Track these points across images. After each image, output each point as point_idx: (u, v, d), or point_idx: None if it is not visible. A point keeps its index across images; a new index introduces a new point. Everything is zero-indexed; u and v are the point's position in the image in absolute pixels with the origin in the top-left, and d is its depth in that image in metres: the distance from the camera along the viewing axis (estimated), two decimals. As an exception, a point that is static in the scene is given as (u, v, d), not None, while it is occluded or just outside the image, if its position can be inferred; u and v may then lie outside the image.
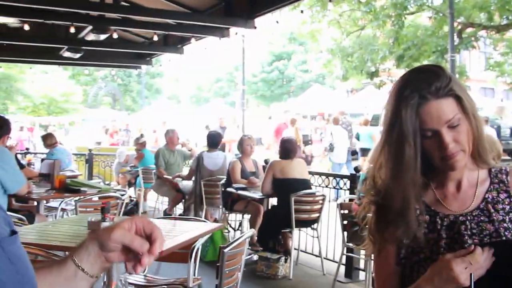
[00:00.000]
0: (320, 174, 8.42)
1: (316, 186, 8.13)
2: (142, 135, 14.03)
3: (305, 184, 7.43)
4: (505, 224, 1.91)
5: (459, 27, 20.78)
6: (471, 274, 1.67)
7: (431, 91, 1.83)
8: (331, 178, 8.06)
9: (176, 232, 4.60)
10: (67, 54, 12.98)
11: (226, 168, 8.84)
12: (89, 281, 1.45)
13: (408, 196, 1.91)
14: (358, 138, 17.49)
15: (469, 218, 1.93)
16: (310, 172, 8.12)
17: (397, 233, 1.94)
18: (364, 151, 16.23)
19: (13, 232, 1.33)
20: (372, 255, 2.13)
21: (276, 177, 7.44)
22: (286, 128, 17.69)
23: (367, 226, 2.09)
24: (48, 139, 10.66)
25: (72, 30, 11.19)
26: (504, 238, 1.88)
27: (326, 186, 8.03)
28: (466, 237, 1.89)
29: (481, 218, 1.93)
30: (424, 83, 1.86)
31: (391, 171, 1.93)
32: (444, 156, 1.87)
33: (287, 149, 7.63)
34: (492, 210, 1.94)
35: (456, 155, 1.87)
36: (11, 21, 10.80)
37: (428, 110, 1.83)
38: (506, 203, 1.96)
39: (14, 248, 1.26)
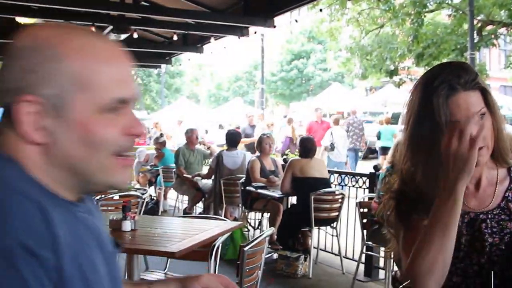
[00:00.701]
0: (340, 173, 8.42)
1: (335, 184, 8.14)
2: (161, 135, 14.08)
3: (325, 183, 7.44)
4: None
5: (479, 24, 20.60)
6: (491, 273, 1.65)
7: (460, 83, 1.84)
8: (350, 176, 8.05)
9: (196, 230, 4.64)
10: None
11: (245, 167, 8.87)
12: None
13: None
14: (379, 136, 17.43)
15: (489, 216, 1.93)
16: (329, 171, 8.13)
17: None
18: (385, 150, 16.20)
19: (116, 244, 1.39)
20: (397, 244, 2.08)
21: (296, 175, 7.45)
22: (319, 126, 17.05)
23: (387, 223, 2.09)
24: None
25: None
26: None
27: (346, 185, 8.03)
28: (487, 235, 1.89)
29: (502, 216, 1.93)
30: (453, 75, 1.87)
31: (426, 161, 1.92)
32: None
33: (307, 148, 7.64)
34: None
35: (481, 152, 1.83)
36: (33, 21, 10.89)
37: (457, 101, 1.84)
38: None
39: (116, 263, 1.33)
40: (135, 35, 12.48)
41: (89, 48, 1.16)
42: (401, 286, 2.33)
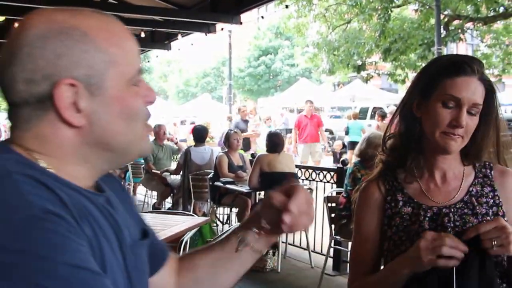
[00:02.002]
0: (307, 167, 8.45)
1: (303, 179, 8.16)
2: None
3: (292, 177, 7.44)
4: (488, 218, 1.94)
5: (446, 19, 20.81)
6: (453, 269, 1.68)
7: (478, 69, 1.89)
8: (317, 171, 8.08)
9: (164, 226, 4.61)
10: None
11: (214, 162, 8.85)
12: (253, 256, 1.51)
13: None
14: (347, 131, 17.49)
15: (452, 210, 1.95)
16: (297, 166, 8.16)
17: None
18: (353, 144, 16.21)
19: (144, 234, 1.40)
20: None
21: (264, 170, 7.46)
22: (308, 121, 15.99)
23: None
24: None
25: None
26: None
27: (313, 180, 8.05)
28: (449, 229, 1.91)
29: (465, 210, 1.96)
30: (465, 60, 1.92)
31: (412, 124, 2.01)
32: (448, 132, 1.89)
33: (275, 143, 7.65)
34: (476, 203, 1.97)
35: (458, 138, 1.89)
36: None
37: (468, 82, 1.88)
38: (490, 197, 1.99)
39: (138, 254, 1.32)
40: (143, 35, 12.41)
41: (108, 25, 1.19)
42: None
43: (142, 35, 13.31)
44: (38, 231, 0.94)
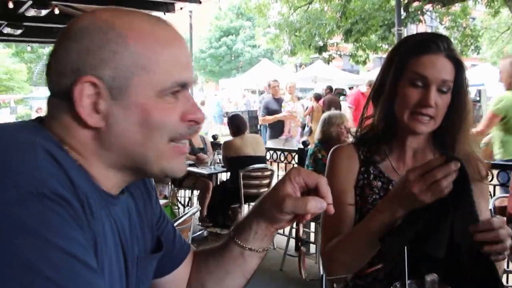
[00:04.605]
0: (269, 149, 8.39)
1: (271, 161, 8.12)
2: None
3: (258, 160, 7.39)
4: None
5: (406, 1, 20.94)
6: (405, 248, 1.63)
7: (444, 46, 1.88)
8: (279, 152, 8.04)
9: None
10: (6, 30, 12.57)
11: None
12: (259, 256, 1.46)
13: None
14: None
15: None
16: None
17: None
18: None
19: (159, 246, 1.39)
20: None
21: (230, 156, 7.42)
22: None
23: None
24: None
25: (11, 5, 10.82)
26: None
27: (275, 161, 8.01)
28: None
29: None
30: (430, 37, 1.92)
31: (386, 105, 2.00)
32: (417, 111, 1.89)
33: (237, 126, 7.59)
34: None
35: (427, 122, 1.90)
36: None
37: (431, 59, 1.87)
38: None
39: (144, 268, 1.31)
40: (57, 11, 12.04)
41: (151, 31, 1.14)
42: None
43: (98, 14, 13.05)
44: (41, 209, 0.92)
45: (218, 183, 8.19)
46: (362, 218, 1.94)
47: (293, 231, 6.63)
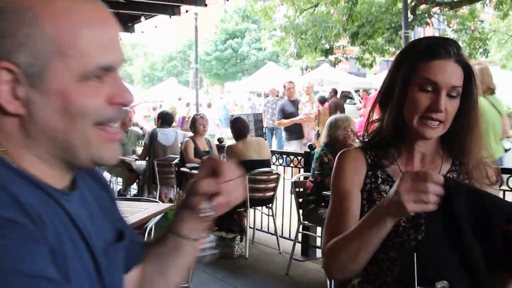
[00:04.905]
0: (274, 152, 8.36)
1: (277, 165, 8.08)
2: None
3: (263, 164, 7.34)
4: None
5: (413, 3, 20.83)
6: (414, 254, 1.60)
7: (448, 50, 1.87)
8: (285, 156, 8.00)
9: (127, 213, 4.51)
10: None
11: (178, 145, 8.79)
12: (194, 246, 1.45)
13: None
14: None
15: None
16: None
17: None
18: (320, 130, 16.20)
19: (121, 235, 1.34)
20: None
21: (233, 160, 7.35)
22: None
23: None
24: None
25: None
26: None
27: (280, 165, 7.98)
28: (425, 213, 1.86)
29: None
30: (440, 42, 1.91)
31: (395, 110, 1.97)
32: (427, 116, 1.88)
33: (239, 130, 7.55)
34: None
35: (436, 127, 1.89)
36: None
37: (441, 64, 1.86)
38: None
39: (113, 258, 1.27)
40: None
41: (72, 10, 1.06)
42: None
43: (104, 16, 13.06)
44: None
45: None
46: None
47: (299, 235, 6.60)
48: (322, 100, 15.72)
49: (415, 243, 1.92)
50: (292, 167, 7.63)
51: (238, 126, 7.58)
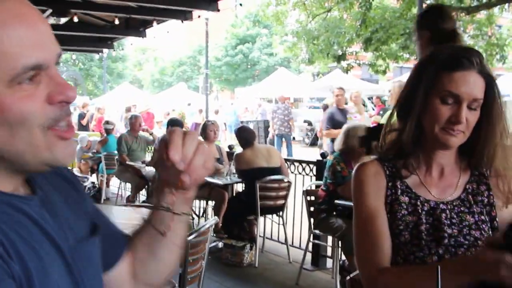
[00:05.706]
0: (286, 160, 8.28)
1: (291, 173, 8.02)
2: (107, 122, 13.70)
3: (272, 172, 7.27)
4: (482, 217, 1.93)
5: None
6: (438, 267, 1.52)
7: (476, 62, 1.83)
8: (297, 164, 7.92)
9: (137, 219, 4.43)
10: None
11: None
12: (182, 220, 1.42)
13: None
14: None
15: (449, 207, 1.93)
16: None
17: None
18: (333, 137, 16.09)
19: (94, 229, 1.30)
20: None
21: (242, 168, 7.31)
22: None
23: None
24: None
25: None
26: (481, 231, 1.89)
27: (292, 172, 7.89)
28: (446, 226, 1.89)
29: (461, 208, 1.94)
30: (463, 52, 1.87)
31: (415, 121, 1.92)
32: (448, 128, 1.85)
33: (245, 138, 7.49)
34: (472, 202, 1.95)
35: (458, 134, 1.85)
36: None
37: (466, 76, 1.82)
38: (485, 195, 1.97)
39: (85, 254, 1.23)
40: (76, 19, 12.09)
41: None
42: (349, 276, 2.42)
43: (116, 21, 13.07)
44: None
45: (234, 194, 8.09)
46: (392, 234, 1.93)
47: (310, 244, 6.52)
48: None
49: (437, 258, 1.88)
50: (303, 175, 7.54)
51: (244, 135, 7.53)
